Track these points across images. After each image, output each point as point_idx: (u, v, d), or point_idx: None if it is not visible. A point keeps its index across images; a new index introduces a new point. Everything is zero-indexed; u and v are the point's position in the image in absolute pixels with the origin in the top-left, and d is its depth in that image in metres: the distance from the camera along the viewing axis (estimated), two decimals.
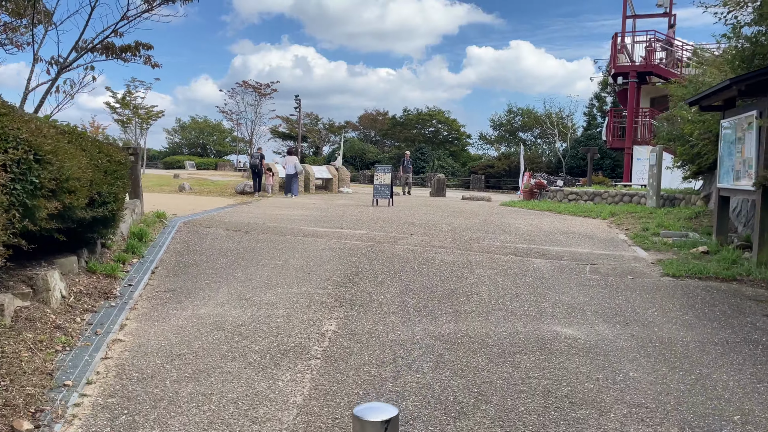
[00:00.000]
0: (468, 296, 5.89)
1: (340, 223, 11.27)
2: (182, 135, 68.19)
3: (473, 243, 9.15)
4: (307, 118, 58.11)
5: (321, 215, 12.90)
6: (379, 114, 53.57)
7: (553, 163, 37.29)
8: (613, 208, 14.66)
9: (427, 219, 12.68)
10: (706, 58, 14.52)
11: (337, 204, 16.75)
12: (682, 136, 13.50)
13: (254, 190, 19.79)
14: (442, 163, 42.87)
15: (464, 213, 14.64)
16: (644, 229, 10.97)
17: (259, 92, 25.91)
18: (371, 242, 8.92)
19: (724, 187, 8.38)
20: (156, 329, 4.76)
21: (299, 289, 6.05)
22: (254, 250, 8.07)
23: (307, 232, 9.85)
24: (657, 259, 7.93)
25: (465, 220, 12.61)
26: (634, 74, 22.98)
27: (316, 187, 24.49)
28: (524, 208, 16.72)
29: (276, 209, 14.17)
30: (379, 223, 11.49)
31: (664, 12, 26.21)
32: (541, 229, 11.18)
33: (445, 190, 25.44)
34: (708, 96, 8.04)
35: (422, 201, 19.63)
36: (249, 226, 10.38)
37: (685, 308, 5.56)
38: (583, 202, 17.07)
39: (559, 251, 8.55)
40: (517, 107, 45.55)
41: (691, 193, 13.99)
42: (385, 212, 14.17)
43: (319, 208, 15.08)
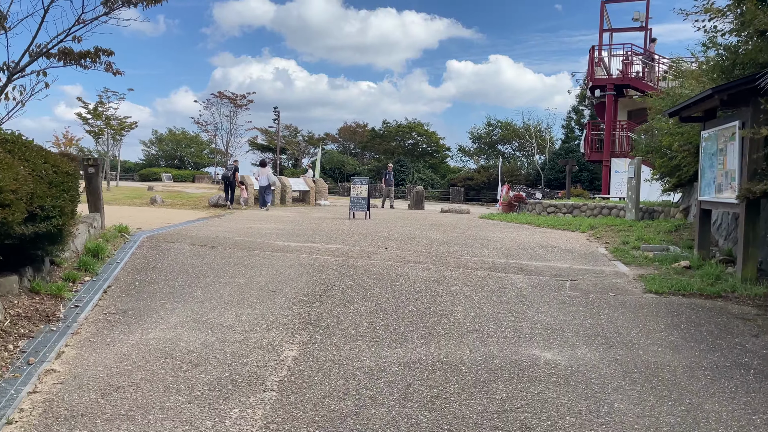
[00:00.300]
0: (442, 316, 5.53)
1: (313, 237, 10.86)
2: (159, 147, 67.16)
3: (450, 258, 8.81)
4: (286, 130, 57.69)
5: (294, 229, 12.48)
6: (358, 126, 53.36)
7: (532, 175, 37.31)
8: (592, 221, 14.46)
9: (403, 232, 12.33)
10: (683, 70, 14.47)
11: (312, 217, 16.34)
12: (660, 148, 13.37)
13: (228, 202, 19.29)
14: (421, 176, 42.70)
15: (442, 226, 14.33)
16: (624, 242, 10.74)
17: (235, 103, 25.45)
18: (344, 257, 8.53)
19: (705, 199, 8.17)
20: (97, 357, 4.31)
21: (261, 309, 5.63)
22: (218, 266, 7.62)
23: (278, 246, 9.43)
24: (638, 275, 7.66)
25: (442, 234, 12.28)
26: (611, 87, 23.01)
27: (293, 199, 24.06)
28: (503, 221, 16.46)
29: (248, 222, 13.71)
30: (354, 237, 11.11)
31: (640, 26, 26.37)
32: (519, 243, 10.89)
33: (424, 202, 25.19)
34: (689, 106, 7.84)
35: (400, 214, 19.31)
36: (216, 240, 9.93)
37: (670, 328, 5.26)
38: (562, 214, 16.89)
39: (538, 266, 8.24)
40: (496, 120, 45.73)
41: (670, 205, 13.86)
42: (362, 225, 13.79)
43: (293, 221, 14.65)
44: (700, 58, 14.98)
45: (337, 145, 55.71)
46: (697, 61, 12.50)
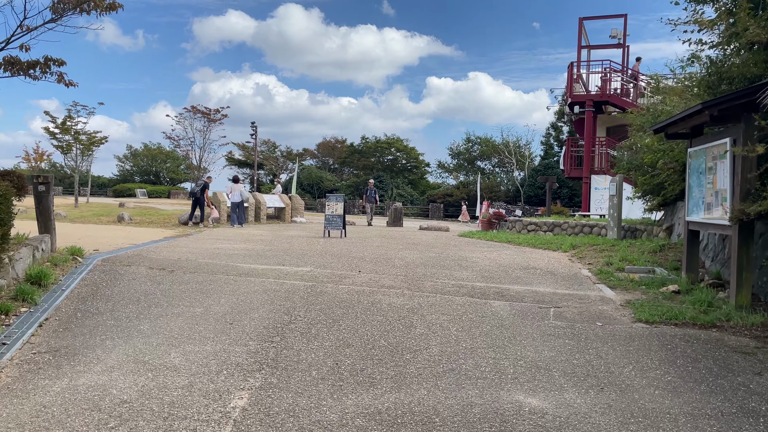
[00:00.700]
0: (415, 353, 4.99)
1: (282, 259, 10.27)
2: (134, 162, 65.96)
3: (426, 281, 8.29)
4: (264, 146, 57.04)
5: (264, 249, 11.87)
6: (337, 142, 52.92)
7: (512, 192, 37.11)
8: (573, 239, 14.08)
9: (379, 253, 11.80)
10: (663, 86, 14.26)
11: (285, 235, 15.73)
12: (642, 166, 13.08)
13: (199, 220, 18.59)
14: (400, 192, 42.30)
15: (420, 245, 13.83)
16: (608, 263, 10.33)
17: (209, 118, 24.79)
18: (313, 282, 7.96)
19: (693, 220, 7.77)
20: (11, 410, 3.68)
21: (214, 345, 5.04)
22: (174, 293, 7.00)
23: (243, 270, 8.82)
24: (626, 300, 7.21)
25: (420, 254, 11.77)
26: (590, 103, 22.89)
27: (268, 216, 23.41)
28: (482, 240, 16.02)
29: (216, 242, 13.06)
30: (327, 258, 10.55)
31: (617, 43, 26.43)
32: (499, 264, 10.42)
33: (403, 219, 24.70)
34: (675, 122, 7.47)
35: (377, 231, 18.78)
36: (178, 263, 9.28)
37: (665, 365, 4.78)
38: (543, 233, 16.51)
39: (520, 291, 7.76)
40: (475, 136, 45.60)
41: (653, 224, 13.54)
42: (336, 245, 13.23)
43: (264, 240, 14.03)
44: (680, 74, 14.81)
45: (315, 160, 55.19)
46: (677, 77, 12.25)
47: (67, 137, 26.51)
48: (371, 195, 24.32)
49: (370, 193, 24.40)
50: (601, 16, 26.72)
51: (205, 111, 24.71)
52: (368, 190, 24.61)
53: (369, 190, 24.55)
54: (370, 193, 24.40)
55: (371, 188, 24.74)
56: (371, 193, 24.42)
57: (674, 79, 14.99)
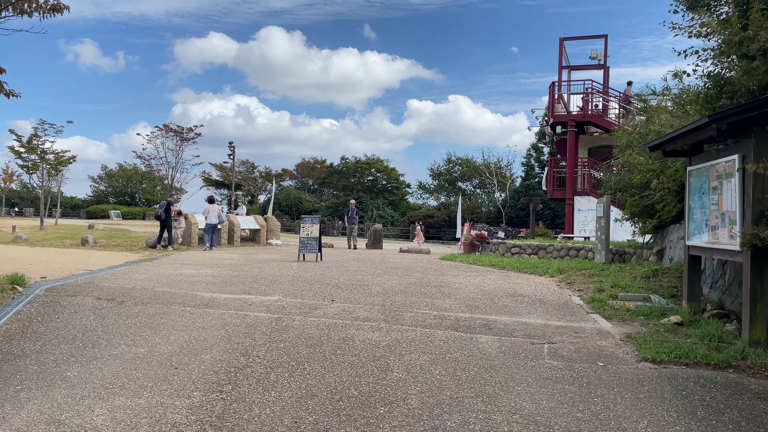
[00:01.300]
0: (391, 405, 4.21)
1: (250, 286, 9.44)
2: (108, 183, 64.50)
3: (406, 312, 7.53)
4: (242, 166, 56.15)
5: (232, 275, 11.02)
6: (317, 162, 52.24)
7: (493, 213, 36.64)
8: (560, 263, 13.46)
9: (355, 278, 11.02)
10: (649, 105, 13.83)
11: (258, 259, 14.87)
12: (630, 186, 12.56)
13: (167, 243, 17.66)
14: (381, 213, 41.63)
15: (400, 269, 13.08)
16: (599, 290, 9.68)
17: (181, 136, 23.92)
18: (279, 314, 7.15)
19: (695, 245, 7.15)
20: None
21: (150, 398, 4.21)
22: (117, 330, 6.14)
23: (203, 300, 7.98)
24: (625, 334, 6.52)
25: (399, 280, 11.02)
26: (572, 124, 22.54)
27: (243, 239, 22.50)
28: (465, 263, 15.33)
29: (181, 267, 12.17)
30: (298, 285, 9.74)
31: (597, 64, 26.28)
32: (484, 291, 9.71)
33: (383, 241, 23.95)
34: (674, 139, 6.88)
35: (355, 255, 18.00)
36: (132, 292, 8.41)
37: (685, 418, 4.07)
38: (527, 255, 15.88)
39: (508, 323, 7.03)
40: (456, 157, 45.25)
41: (642, 247, 12.98)
42: (310, 269, 12.42)
43: (234, 264, 13.17)
44: (665, 93, 14.42)
45: (295, 181, 54.38)
46: (660, 96, 11.80)
47: (33, 156, 25.39)
48: (353, 216, 22.61)
49: (351, 215, 22.68)
50: (581, 37, 26.59)
51: (178, 130, 23.88)
52: (349, 211, 22.96)
53: (350, 211, 22.89)
54: (351, 215, 22.68)
55: (352, 209, 23.03)
56: (352, 214, 22.72)
57: (660, 98, 14.61)
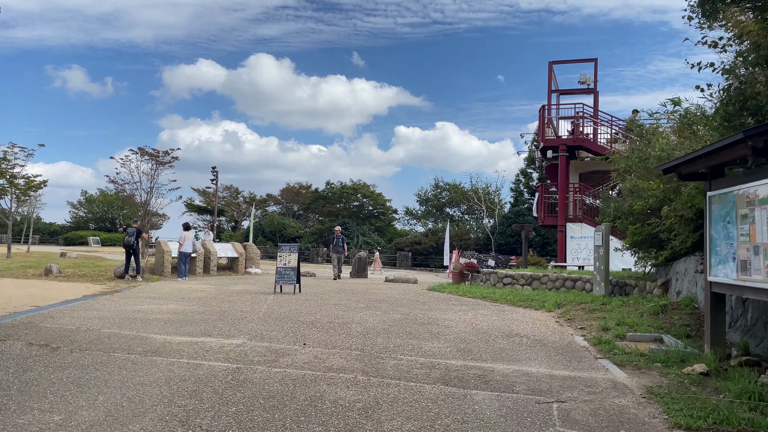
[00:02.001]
0: None
1: (213, 326, 8.37)
2: (88, 209, 62.86)
3: (388, 359, 6.51)
4: (226, 191, 55.00)
5: (197, 311, 9.94)
6: (302, 187, 51.28)
7: (482, 240, 35.75)
8: (556, 295, 12.52)
9: (334, 314, 9.98)
10: (650, 127, 13.08)
11: (231, 291, 13.76)
12: (631, 213, 11.72)
13: (136, 273, 16.51)
14: (367, 239, 40.60)
15: (384, 303, 12.06)
16: (604, 328, 8.73)
17: (157, 159, 22.89)
18: (240, 362, 6.10)
19: (720, 281, 6.24)
20: None
21: None
22: (37, 388, 5.06)
23: (153, 345, 6.91)
24: (645, 388, 5.54)
25: (383, 315, 9.99)
26: (563, 148, 21.83)
27: (220, 267, 21.38)
28: (455, 295, 14.35)
29: (142, 302, 11.07)
30: (269, 324, 8.68)
31: (586, 88, 25.79)
32: (477, 330, 8.71)
33: (368, 269, 22.90)
34: (694, 160, 6.02)
35: (338, 285, 16.94)
36: (73, 335, 7.32)
37: None
38: (520, 286, 14.93)
39: (507, 373, 6.03)
40: (444, 182, 44.51)
41: (644, 278, 12.08)
42: (286, 304, 11.36)
43: (203, 298, 12.08)
44: (660, 117, 13.70)
45: (280, 207, 53.29)
46: (669, 117, 11.03)
47: (1, 181, 24.21)
48: (338, 244, 20.60)
49: (337, 242, 20.67)
50: (570, 61, 26.13)
51: (153, 153, 22.80)
52: (334, 239, 20.88)
53: (335, 239, 20.83)
54: (337, 242, 20.67)
55: (338, 236, 20.88)
56: (338, 241, 20.68)
57: (655, 123, 13.93)
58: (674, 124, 11.64)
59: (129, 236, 16.48)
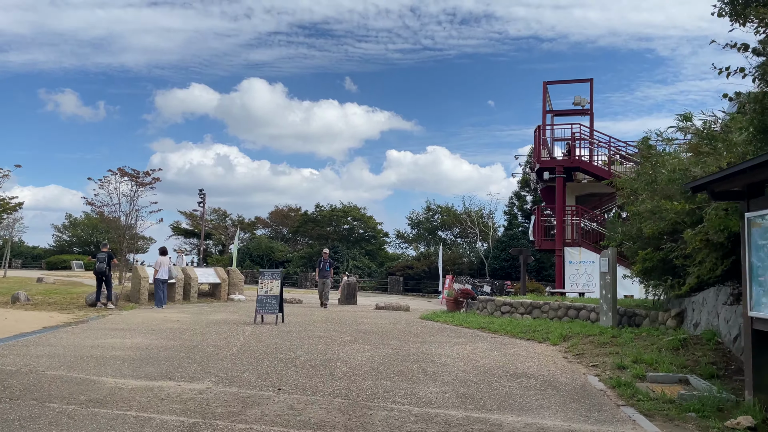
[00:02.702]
0: None
1: (178, 365, 7.35)
2: (72, 232, 61.42)
3: (377, 408, 5.52)
4: (214, 214, 53.92)
5: (164, 346, 8.90)
6: (291, 210, 50.29)
7: (476, 264, 34.81)
8: (560, 326, 11.58)
9: (318, 349, 8.97)
10: (655, 149, 12.29)
11: (208, 321, 12.71)
12: (639, 237, 10.87)
13: (107, 299, 15.43)
14: (357, 263, 39.55)
15: (374, 335, 11.06)
16: (619, 366, 7.78)
17: (136, 181, 21.93)
18: (198, 415, 5.09)
19: (764, 317, 5.33)
20: None
21: None
22: None
23: (101, 391, 5.88)
24: None
25: (372, 351, 9.00)
26: (560, 169, 21.08)
27: (201, 293, 20.28)
28: (450, 324, 13.37)
29: (106, 335, 10.02)
30: (242, 362, 7.67)
31: (581, 109, 25.19)
32: (478, 368, 7.74)
33: (357, 296, 21.83)
34: (732, 176, 5.16)
35: (325, 314, 15.91)
36: (10, 379, 6.29)
37: None
38: (520, 315, 13.97)
39: (518, 428, 5.07)
40: (436, 205, 43.70)
41: (656, 308, 11.16)
42: (265, 336, 10.34)
43: (176, 329, 11.03)
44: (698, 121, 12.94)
45: (268, 230, 52.22)
46: (684, 132, 10.25)
47: None
48: (325, 268, 18.53)
49: (323, 266, 18.55)
50: (565, 81, 25.59)
51: (133, 174, 21.85)
52: (321, 262, 18.69)
53: (322, 262, 18.64)
54: (323, 266, 18.55)
55: (326, 260, 18.72)
56: (325, 265, 18.59)
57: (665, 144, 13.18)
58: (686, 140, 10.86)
59: (100, 262, 15.43)
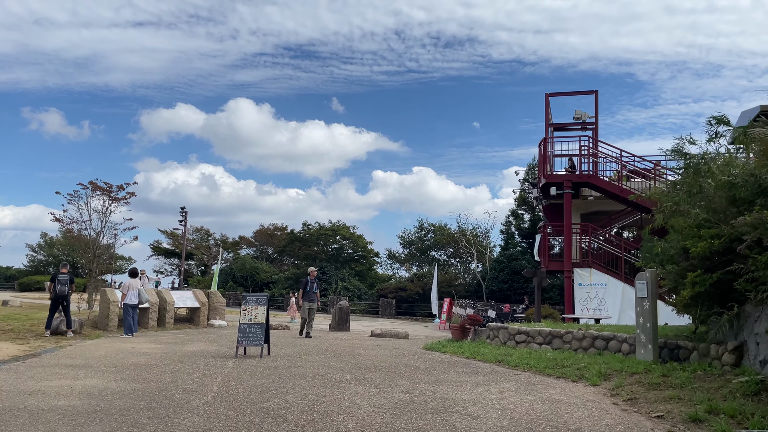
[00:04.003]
0: None
1: (133, 423, 5.65)
2: (48, 252, 58.96)
3: None
4: (196, 233, 51.96)
5: (123, 390, 7.17)
6: (276, 229, 48.48)
7: (472, 286, 33.21)
8: (591, 360, 10.01)
9: (313, 395, 7.30)
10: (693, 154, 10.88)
11: (182, 353, 10.96)
12: (680, 256, 9.39)
13: (67, 326, 13.66)
14: (346, 285, 37.77)
15: (377, 371, 9.40)
16: (692, 418, 6.22)
17: (109, 195, 20.20)
18: None
19: None
20: None
21: None
22: None
23: None
24: None
25: (380, 396, 7.35)
26: (568, 185, 19.68)
27: (179, 319, 18.47)
28: (460, 357, 11.75)
29: (52, 375, 8.24)
30: (218, 416, 5.98)
31: (582, 122, 23.94)
32: (517, 422, 6.12)
33: (350, 320, 20.11)
34: None
35: (316, 343, 14.19)
36: None
37: None
38: (537, 345, 12.37)
39: None
40: (429, 223, 42.17)
41: (702, 340, 9.63)
42: (248, 375, 8.63)
43: (142, 365, 9.28)
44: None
45: (253, 249, 50.31)
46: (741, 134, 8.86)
47: None
48: (312, 290, 15.96)
49: (310, 288, 15.93)
50: (568, 93, 24.44)
51: (105, 187, 20.09)
52: (308, 283, 15.95)
53: (309, 283, 15.94)
54: (310, 288, 15.93)
55: (312, 280, 16.08)
56: (312, 286, 15.99)
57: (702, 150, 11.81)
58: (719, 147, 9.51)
59: (62, 285, 13.66)
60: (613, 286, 18.70)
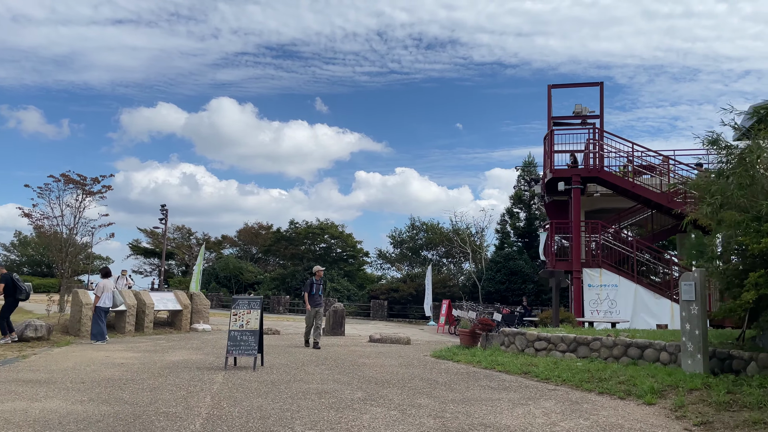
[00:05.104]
0: None
1: None
2: (22, 251, 56.69)
3: None
4: (177, 233, 50.16)
5: (90, 416, 5.79)
6: (261, 228, 46.93)
7: (468, 286, 32.04)
8: (636, 373, 8.83)
9: (325, 421, 5.98)
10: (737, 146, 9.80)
11: (163, 364, 9.57)
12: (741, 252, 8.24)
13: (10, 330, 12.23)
14: (336, 286, 36.40)
15: (391, 387, 8.11)
16: None
17: (84, 189, 18.63)
18: None
19: None
20: None
21: None
22: None
23: None
24: None
25: (404, 422, 6.06)
26: (577, 180, 18.56)
27: (159, 323, 17.01)
28: (477, 367, 10.52)
29: (6, 396, 6.82)
30: None
31: (585, 115, 22.87)
32: None
33: (345, 325, 18.77)
34: None
35: (314, 351, 12.86)
36: None
37: None
38: (560, 354, 11.18)
39: None
40: (421, 222, 40.94)
41: (755, 349, 8.50)
42: (242, 394, 7.29)
43: (116, 380, 7.88)
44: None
45: (236, 249, 48.67)
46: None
47: None
48: (318, 293, 13.83)
49: (317, 290, 13.79)
50: (572, 85, 23.36)
51: (79, 180, 18.52)
52: (314, 285, 13.72)
53: (315, 285, 13.74)
54: (317, 290, 13.79)
55: (318, 280, 13.85)
56: (318, 289, 13.84)
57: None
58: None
59: (27, 291, 12.19)
60: (625, 287, 17.62)
